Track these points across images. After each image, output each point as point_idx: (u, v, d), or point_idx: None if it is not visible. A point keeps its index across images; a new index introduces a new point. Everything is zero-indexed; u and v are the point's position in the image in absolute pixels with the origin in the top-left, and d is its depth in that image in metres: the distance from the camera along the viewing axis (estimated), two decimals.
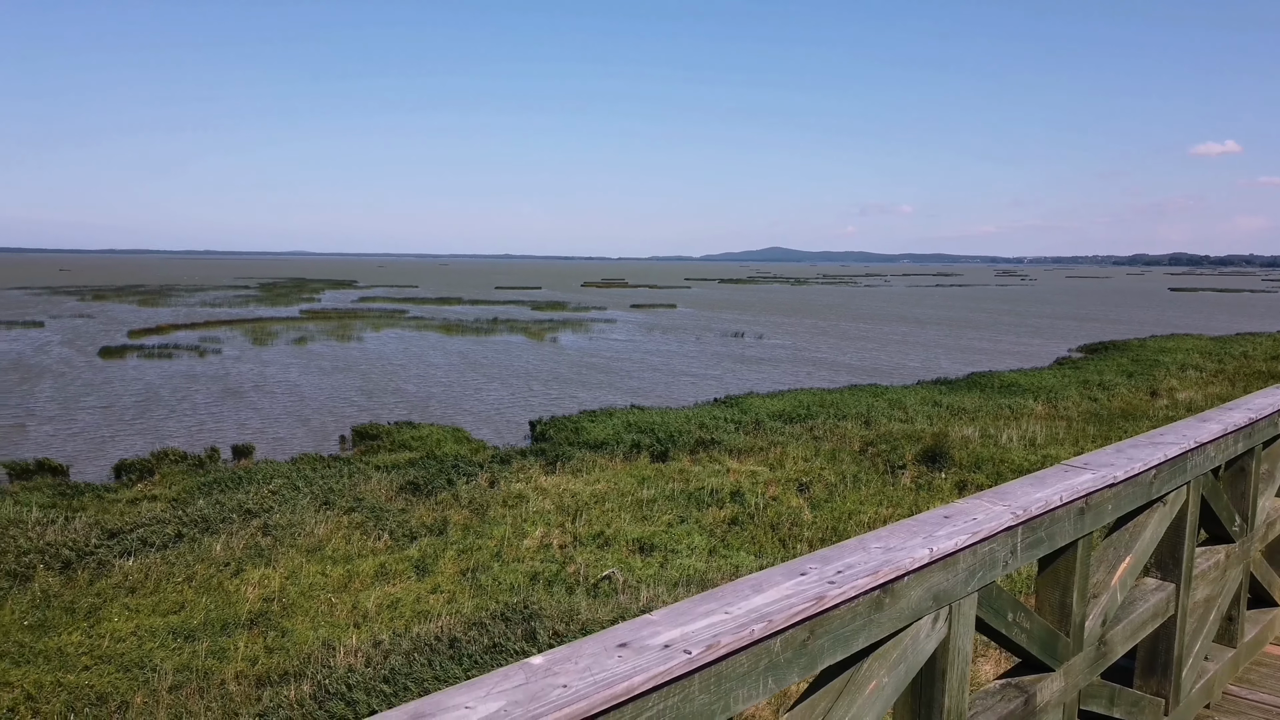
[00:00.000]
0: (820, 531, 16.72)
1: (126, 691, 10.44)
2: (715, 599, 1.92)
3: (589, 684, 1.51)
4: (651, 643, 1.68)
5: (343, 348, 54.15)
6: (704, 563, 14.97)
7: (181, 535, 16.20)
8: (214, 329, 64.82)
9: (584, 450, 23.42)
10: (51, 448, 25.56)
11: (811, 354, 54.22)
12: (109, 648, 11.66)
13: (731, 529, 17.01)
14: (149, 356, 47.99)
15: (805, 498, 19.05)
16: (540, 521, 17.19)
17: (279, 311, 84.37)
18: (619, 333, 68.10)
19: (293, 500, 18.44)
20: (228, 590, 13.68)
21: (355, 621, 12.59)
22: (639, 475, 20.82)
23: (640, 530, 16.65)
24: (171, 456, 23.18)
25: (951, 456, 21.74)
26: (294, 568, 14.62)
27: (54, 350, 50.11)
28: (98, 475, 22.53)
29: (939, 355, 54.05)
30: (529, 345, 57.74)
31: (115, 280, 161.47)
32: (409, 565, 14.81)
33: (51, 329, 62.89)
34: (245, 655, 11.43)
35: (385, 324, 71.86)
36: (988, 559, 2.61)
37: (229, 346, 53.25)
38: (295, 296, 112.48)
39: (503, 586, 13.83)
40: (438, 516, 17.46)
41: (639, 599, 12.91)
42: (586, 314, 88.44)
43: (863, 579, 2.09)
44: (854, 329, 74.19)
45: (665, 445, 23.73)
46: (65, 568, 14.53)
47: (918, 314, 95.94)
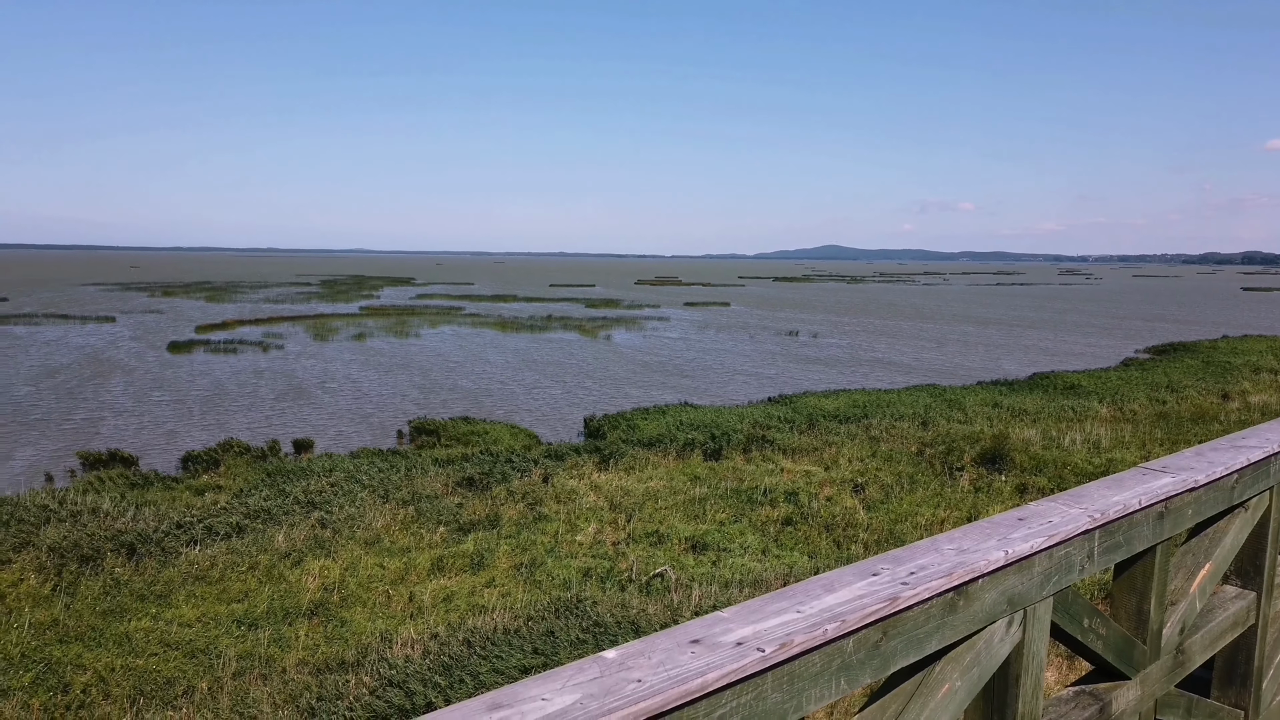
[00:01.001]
0: (876, 534, 16.50)
1: (192, 677, 10.74)
2: (787, 597, 1.90)
3: (663, 679, 1.51)
4: (724, 640, 1.67)
5: (401, 344, 55.04)
6: (757, 562, 14.88)
7: (245, 526, 16.61)
8: (277, 325, 66.40)
9: (637, 447, 23.45)
10: (123, 439, 26.43)
11: (867, 353, 53.55)
12: (176, 634, 12.00)
13: (785, 529, 16.87)
14: (215, 351, 49.35)
15: (860, 499, 18.82)
16: (593, 518, 17.26)
17: (339, 308, 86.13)
18: (672, 330, 68.06)
19: (352, 493, 18.79)
20: (289, 580, 13.98)
21: (411, 613, 12.77)
22: (692, 473, 20.77)
23: (693, 528, 16.61)
24: (236, 449, 23.78)
25: (1012, 459, 21.27)
26: (353, 559, 14.89)
27: (125, 345, 51.82)
28: (166, 466, 23.23)
29: (999, 355, 52.96)
30: (583, 342, 58.03)
31: (183, 277, 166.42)
32: (464, 559, 14.98)
33: (123, 324, 65.06)
34: (305, 644, 11.67)
35: (442, 321, 72.86)
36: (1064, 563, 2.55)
37: (291, 342, 54.49)
38: (355, 293, 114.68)
39: (556, 582, 13.91)
40: (492, 511, 17.63)
41: (691, 597, 12.87)
42: (640, 312, 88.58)
43: (936, 580, 2.06)
44: (911, 328, 73.09)
45: (718, 443, 23.64)
46: (135, 555, 15.00)
47: (977, 313, 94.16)
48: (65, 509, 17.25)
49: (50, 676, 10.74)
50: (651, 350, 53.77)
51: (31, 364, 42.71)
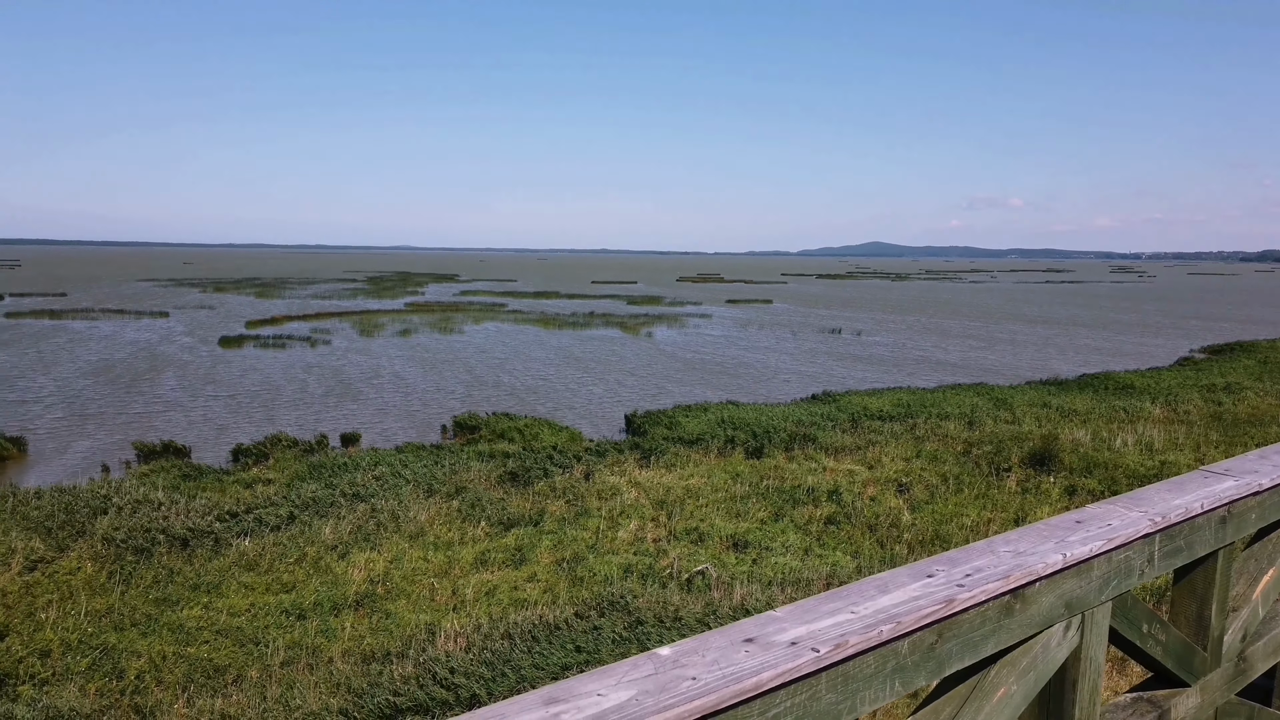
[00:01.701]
0: (920, 534, 16.31)
1: (242, 665, 10.96)
2: (840, 598, 1.89)
3: (717, 678, 1.52)
4: (778, 639, 1.67)
5: (445, 340, 55.62)
6: (799, 561, 14.78)
7: (293, 517, 16.92)
8: (324, 320, 67.51)
9: (678, 445, 23.44)
10: (176, 432, 27.07)
11: (912, 351, 52.91)
12: (226, 622, 12.26)
13: (828, 528, 16.74)
14: (264, 346, 50.32)
15: (905, 498, 18.61)
16: (634, 514, 17.28)
17: (385, 304, 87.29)
18: (714, 328, 67.89)
19: (397, 487, 19.04)
20: (335, 572, 14.21)
21: (455, 606, 12.90)
22: (733, 471, 20.70)
23: (734, 527, 16.55)
24: (284, 442, 24.23)
25: (1061, 460, 20.87)
26: (397, 552, 15.09)
27: (178, 339, 53.05)
28: (216, 458, 23.74)
29: (1048, 354, 52.01)
30: (624, 339, 58.13)
31: (234, 273, 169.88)
32: (507, 553, 15.10)
33: (176, 319, 66.61)
34: (351, 635, 11.86)
35: (485, 317, 73.48)
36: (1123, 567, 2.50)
37: (338, 337, 55.36)
38: (400, 290, 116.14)
39: (597, 578, 13.95)
40: (534, 506, 17.74)
41: (732, 596, 12.83)
42: (682, 309, 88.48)
43: (993, 583, 2.03)
44: (958, 326, 72.06)
45: (760, 441, 23.53)
46: (186, 546, 15.35)
47: (1026, 311, 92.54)
48: (121, 499, 17.71)
49: (106, 662, 11.04)
50: (693, 347, 53.68)
51: (89, 358, 43.92)
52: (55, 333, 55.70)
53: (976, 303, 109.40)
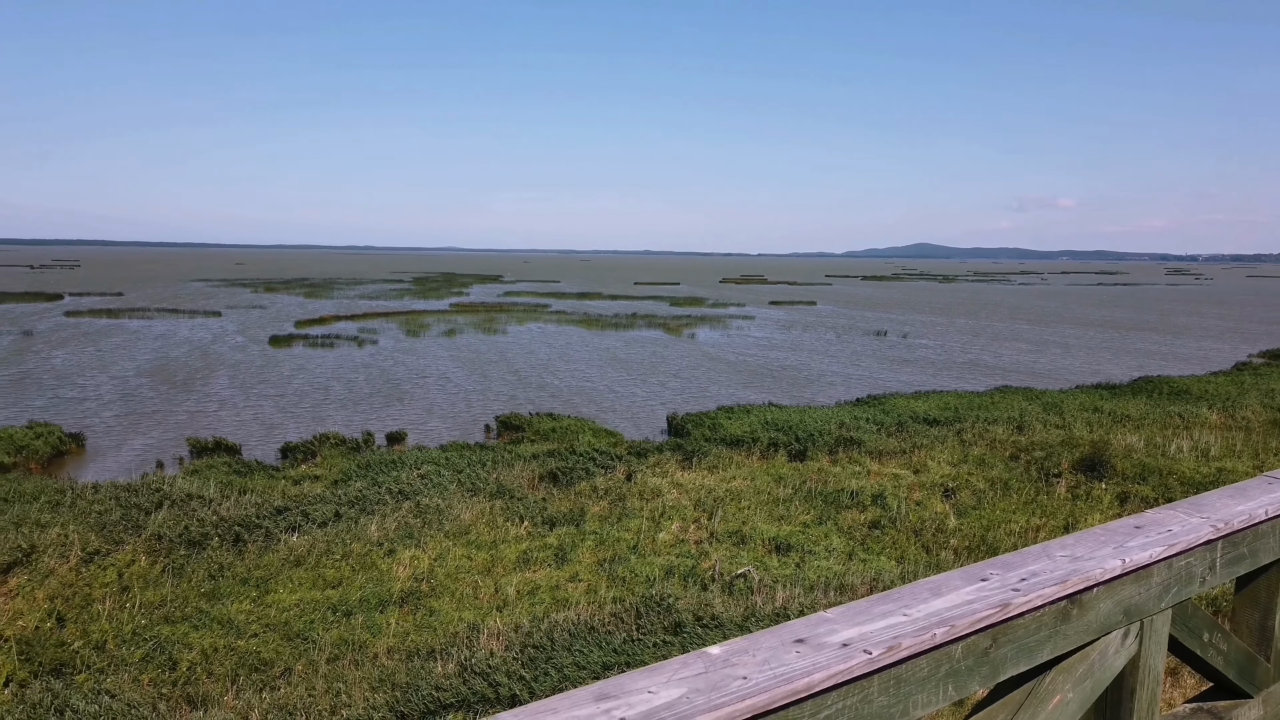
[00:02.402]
0: (967, 539, 16.06)
1: (289, 659, 11.16)
2: (892, 600, 1.88)
3: (768, 678, 1.51)
4: (829, 640, 1.67)
5: (489, 340, 56.10)
6: (842, 565, 14.64)
7: (340, 514, 17.18)
8: (371, 320, 68.49)
9: (720, 446, 23.37)
10: (227, 429, 27.66)
11: (960, 354, 52.16)
12: (274, 617, 12.49)
13: (872, 533, 16.56)
14: (313, 345, 51.20)
15: (951, 503, 18.34)
16: (676, 516, 17.26)
17: (430, 304, 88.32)
18: (757, 329, 67.58)
19: (441, 485, 19.24)
20: (380, 569, 14.39)
21: (497, 605, 13.00)
22: (776, 473, 20.58)
23: (776, 529, 16.45)
24: (332, 440, 24.62)
25: (1113, 466, 20.41)
26: (441, 550, 15.24)
27: (230, 339, 54.21)
28: (266, 455, 24.20)
29: (1101, 358, 50.92)
30: (666, 340, 58.11)
31: (284, 273, 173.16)
32: (549, 553, 15.18)
33: (228, 319, 68.07)
34: (396, 631, 12.01)
35: (529, 318, 73.96)
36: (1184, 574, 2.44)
37: (384, 337, 56.12)
38: (445, 290, 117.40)
39: (639, 579, 13.96)
40: (576, 506, 17.81)
41: (775, 599, 12.75)
42: (724, 310, 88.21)
43: (1049, 588, 2.00)
44: (1007, 329, 70.88)
45: (803, 444, 23.36)
46: (237, 541, 15.67)
47: (1078, 314, 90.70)
48: (174, 494, 18.14)
49: (159, 654, 11.31)
50: (735, 349, 53.48)
51: (145, 357, 45.06)
52: (112, 331, 57.24)
53: (1026, 305, 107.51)
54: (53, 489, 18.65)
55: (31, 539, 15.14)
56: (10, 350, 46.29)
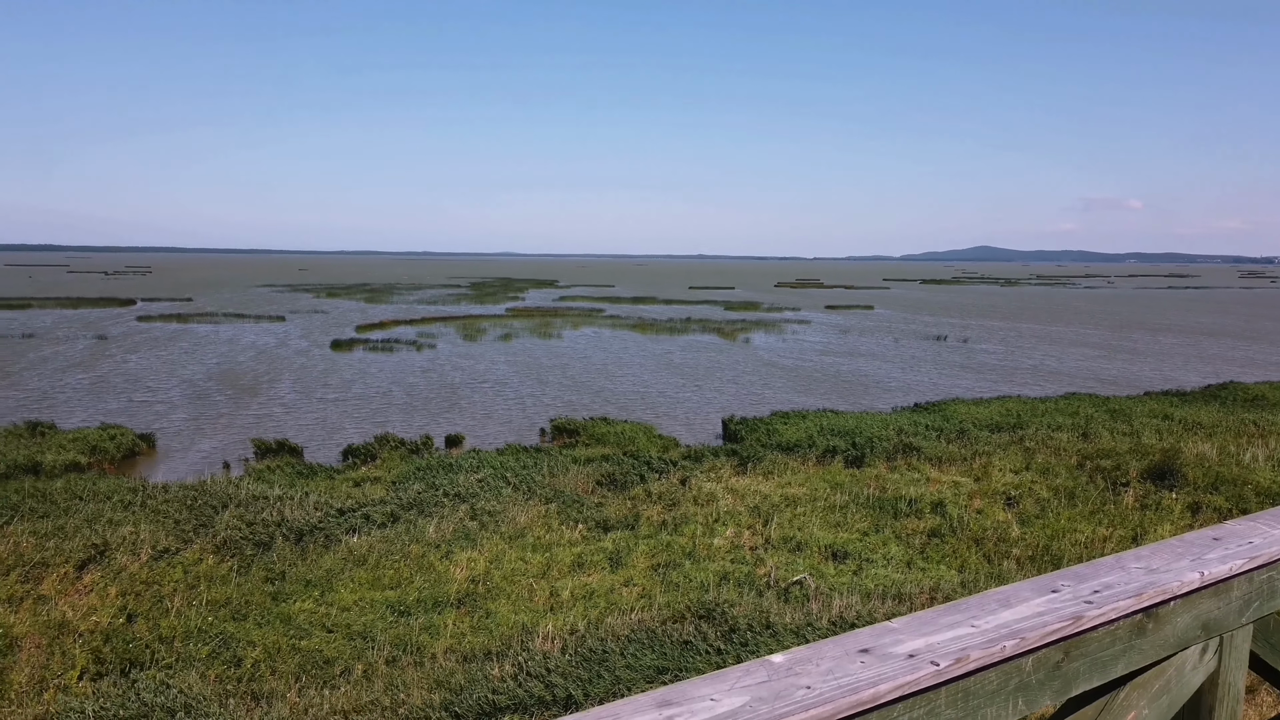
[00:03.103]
0: (1030, 549, 15.68)
1: (349, 658, 11.36)
2: (960, 611, 1.84)
3: (833, 687, 1.50)
4: (895, 651, 1.64)
5: (544, 344, 56.53)
6: (901, 574, 14.40)
7: (399, 517, 17.45)
8: (429, 325, 69.54)
9: (776, 452, 23.19)
10: (290, 431, 28.31)
11: (1023, 360, 51.01)
12: (335, 617, 12.73)
13: (931, 541, 16.27)
14: (373, 350, 52.16)
15: (1013, 512, 17.93)
16: (731, 522, 17.17)
17: (487, 309, 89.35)
18: (813, 334, 66.96)
19: (497, 488, 19.43)
20: (438, 570, 14.58)
21: (552, 608, 13.06)
22: (833, 480, 20.35)
23: (833, 536, 16.26)
24: (391, 442, 25.03)
25: (1184, 475, 19.75)
26: (497, 552, 15.38)
27: (293, 343, 55.51)
28: (328, 457, 24.71)
29: (1171, 364, 49.35)
30: (721, 345, 57.90)
31: (345, 279, 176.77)
32: (603, 557, 15.21)
33: (292, 323, 69.72)
34: (453, 632, 12.14)
35: (584, 322, 74.36)
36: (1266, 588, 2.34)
37: (442, 341, 56.93)
38: (502, 295, 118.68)
39: (693, 584, 13.90)
40: (631, 511, 17.82)
41: (831, 607, 12.60)
42: (780, 314, 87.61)
43: (1124, 600, 1.94)
44: (1072, 334, 69.12)
45: (861, 450, 23.06)
46: (300, 541, 16.02)
47: (1147, 318, 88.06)
48: (241, 495, 18.62)
49: (224, 650, 11.60)
50: (791, 354, 53.06)
51: (213, 360, 46.39)
52: (181, 336, 59.05)
53: (1092, 309, 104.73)
54: (125, 488, 19.28)
55: (105, 536, 15.67)
56: (86, 354, 48.03)
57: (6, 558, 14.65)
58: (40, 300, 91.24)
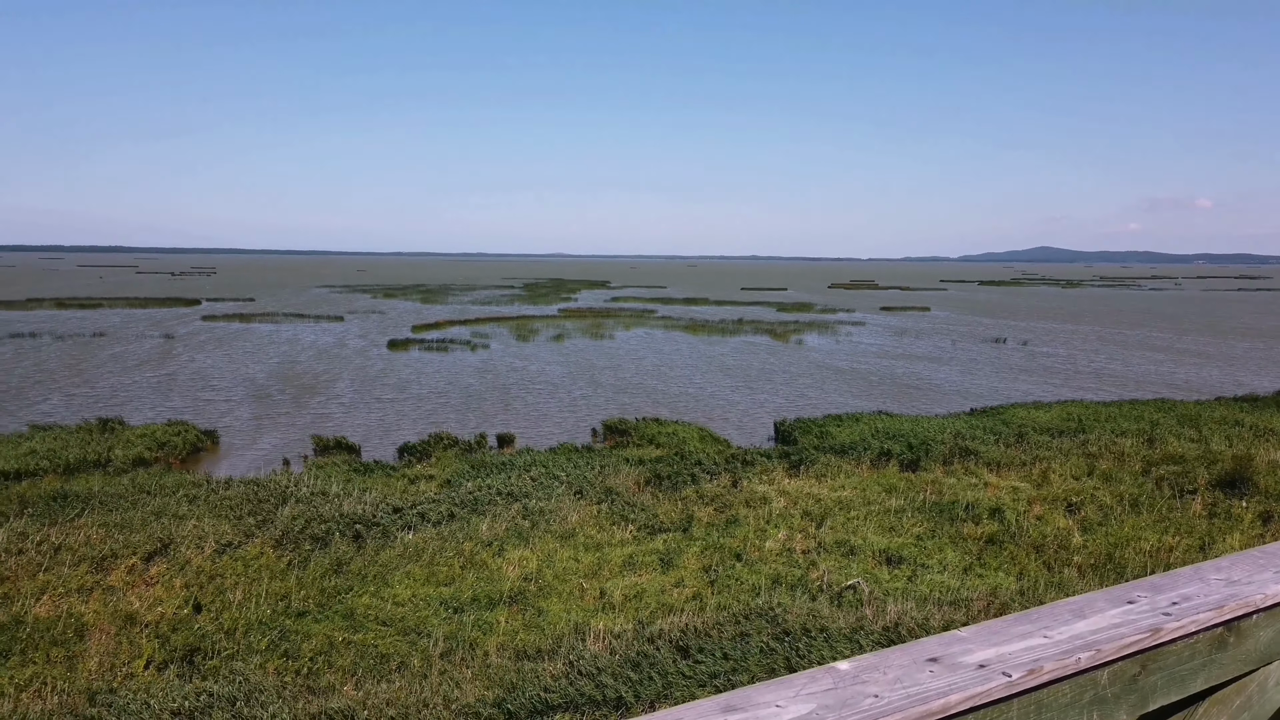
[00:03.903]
0: (1092, 557, 15.29)
1: (405, 653, 11.53)
2: (1031, 620, 1.80)
3: (901, 697, 1.47)
4: (965, 660, 1.60)
5: (596, 344, 56.76)
6: (957, 580, 14.15)
7: (453, 514, 17.66)
8: (483, 325, 70.31)
9: (829, 455, 22.95)
10: (348, 429, 28.85)
11: (1085, 363, 49.77)
12: (391, 612, 12.93)
13: (989, 547, 15.95)
14: (428, 349, 52.91)
15: (1075, 519, 17.49)
16: (783, 524, 17.04)
17: (540, 310, 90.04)
18: (867, 335, 66.18)
19: (549, 487, 19.55)
20: (491, 568, 14.72)
21: (603, 607, 13.10)
22: (887, 484, 20.08)
23: (887, 541, 16.04)
24: (445, 441, 25.36)
25: (1255, 483, 19.07)
26: (549, 551, 15.48)
27: (351, 342, 56.56)
28: (384, 454, 25.12)
29: (1243, 368, 47.71)
30: (773, 346, 57.53)
31: (401, 280, 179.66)
32: (654, 558, 15.21)
33: (350, 323, 71.07)
34: (506, 629, 12.25)
35: (635, 323, 74.50)
36: None
37: (495, 342, 57.52)
38: (554, 296, 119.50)
39: (745, 587, 13.83)
40: (682, 512, 17.79)
41: (885, 613, 12.42)
42: (833, 316, 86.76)
43: (1204, 613, 1.87)
44: (1137, 337, 67.25)
45: (916, 454, 22.71)
46: (357, 537, 16.31)
47: (1216, 321, 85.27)
48: (300, 491, 19.02)
49: (284, 643, 11.86)
50: (845, 355, 52.50)
51: (274, 360, 47.48)
52: (244, 335, 60.56)
53: (1159, 311, 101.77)
54: (189, 483, 19.83)
55: (170, 530, 16.14)
56: (153, 353, 49.53)
57: (78, 549, 15.17)
58: (110, 300, 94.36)
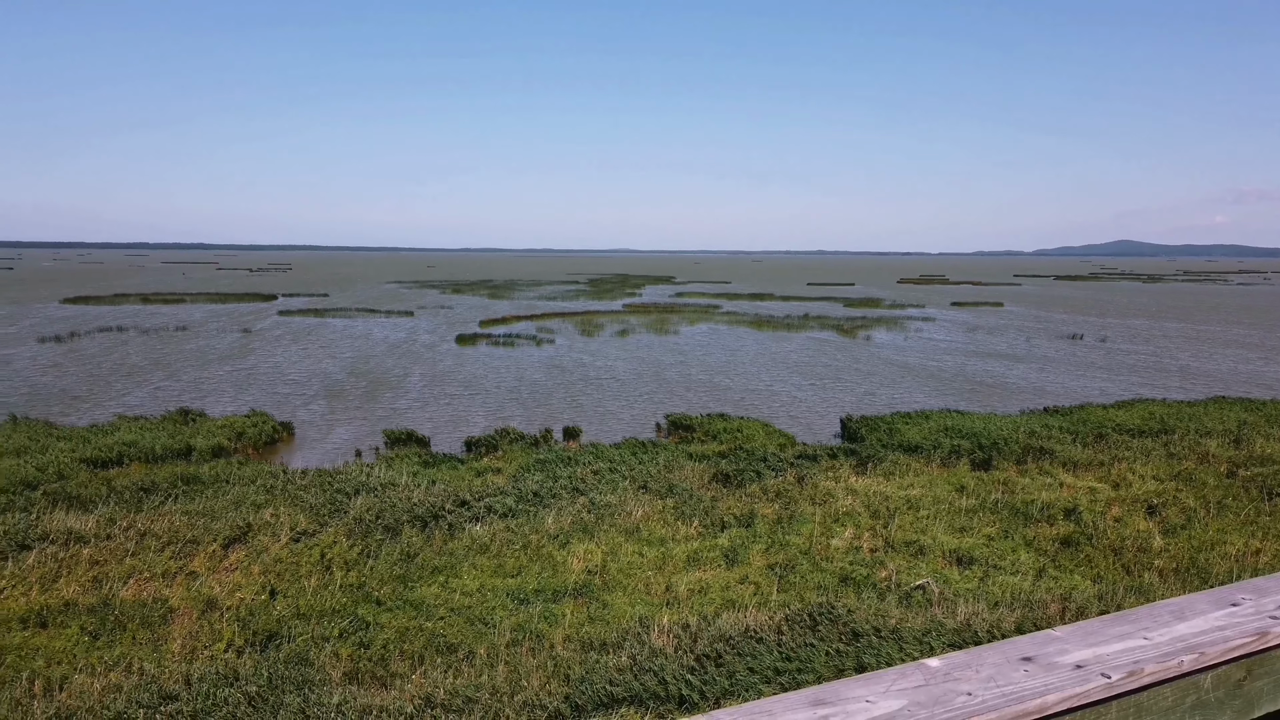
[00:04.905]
0: (1174, 561, 14.75)
1: (472, 643, 11.70)
2: (1129, 621, 1.75)
3: (996, 696, 1.44)
4: (1061, 661, 1.57)
5: (660, 340, 56.81)
6: (1030, 583, 13.79)
7: (519, 507, 17.87)
8: (549, 320, 70.97)
9: (897, 452, 22.59)
10: (417, 421, 29.40)
11: (1168, 361, 48.02)
12: (459, 602, 13.14)
13: (1064, 549, 15.51)
14: (495, 344, 53.63)
15: (1155, 521, 16.89)
16: (849, 522, 16.82)
17: (604, 305, 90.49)
18: (937, 331, 64.90)
19: (613, 482, 19.64)
20: (556, 560, 14.85)
21: (668, 602, 13.11)
22: (957, 482, 19.67)
23: (958, 541, 15.71)
24: (511, 435, 25.66)
25: None
26: (614, 545, 15.55)
27: (421, 337, 57.65)
28: (451, 447, 25.53)
29: None
30: (840, 342, 56.82)
31: (469, 275, 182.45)
32: (719, 554, 15.16)
33: (420, 318, 72.44)
34: (571, 622, 12.34)
35: (700, 319, 74.33)
36: None
37: (561, 336, 58.00)
38: (619, 291, 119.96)
39: (810, 584, 13.70)
40: (746, 508, 17.70)
41: (955, 614, 12.17)
42: (902, 312, 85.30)
43: None
44: (1224, 334, 64.61)
45: (988, 453, 22.20)
46: (426, 527, 16.61)
47: None
48: (372, 482, 19.46)
49: (356, 631, 12.15)
50: (914, 352, 51.57)
51: (348, 354, 48.66)
52: (318, 330, 62.19)
53: (1247, 306, 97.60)
54: (266, 473, 20.45)
55: (248, 518, 16.66)
56: (233, 348, 51.20)
57: (163, 535, 15.78)
58: (193, 296, 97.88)
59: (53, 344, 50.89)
